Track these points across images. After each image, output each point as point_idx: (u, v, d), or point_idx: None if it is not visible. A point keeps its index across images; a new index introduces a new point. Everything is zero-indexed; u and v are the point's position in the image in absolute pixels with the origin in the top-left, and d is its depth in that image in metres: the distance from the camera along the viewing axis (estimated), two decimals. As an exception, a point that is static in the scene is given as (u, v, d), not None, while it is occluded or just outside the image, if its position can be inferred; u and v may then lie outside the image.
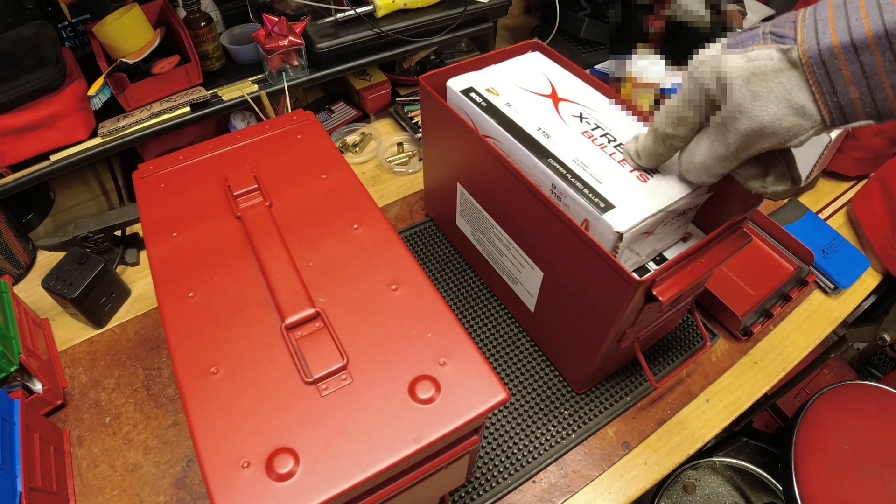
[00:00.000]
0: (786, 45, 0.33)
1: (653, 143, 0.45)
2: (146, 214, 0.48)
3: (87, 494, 0.55)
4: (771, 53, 0.33)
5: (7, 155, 0.68)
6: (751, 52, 0.34)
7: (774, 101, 0.34)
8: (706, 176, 0.43)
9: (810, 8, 0.33)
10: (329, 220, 0.47)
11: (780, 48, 0.33)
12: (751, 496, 1.33)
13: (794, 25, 0.33)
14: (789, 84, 0.33)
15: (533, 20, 1.25)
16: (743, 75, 0.34)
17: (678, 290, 0.45)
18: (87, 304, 0.65)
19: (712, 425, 0.61)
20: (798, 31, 0.33)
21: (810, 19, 0.33)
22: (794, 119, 0.34)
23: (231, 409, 0.36)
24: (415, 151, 0.91)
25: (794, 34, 0.33)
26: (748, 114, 0.35)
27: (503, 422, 0.61)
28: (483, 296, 0.71)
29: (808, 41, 0.32)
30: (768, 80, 0.34)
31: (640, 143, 0.47)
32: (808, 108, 0.34)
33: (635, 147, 0.48)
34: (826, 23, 0.32)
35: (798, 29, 0.33)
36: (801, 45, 0.32)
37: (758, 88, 0.34)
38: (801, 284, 0.73)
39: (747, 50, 0.34)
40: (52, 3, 0.75)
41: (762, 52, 0.34)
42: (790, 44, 0.33)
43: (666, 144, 0.44)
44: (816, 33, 0.32)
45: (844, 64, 0.31)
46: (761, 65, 0.34)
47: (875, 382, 0.94)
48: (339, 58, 0.83)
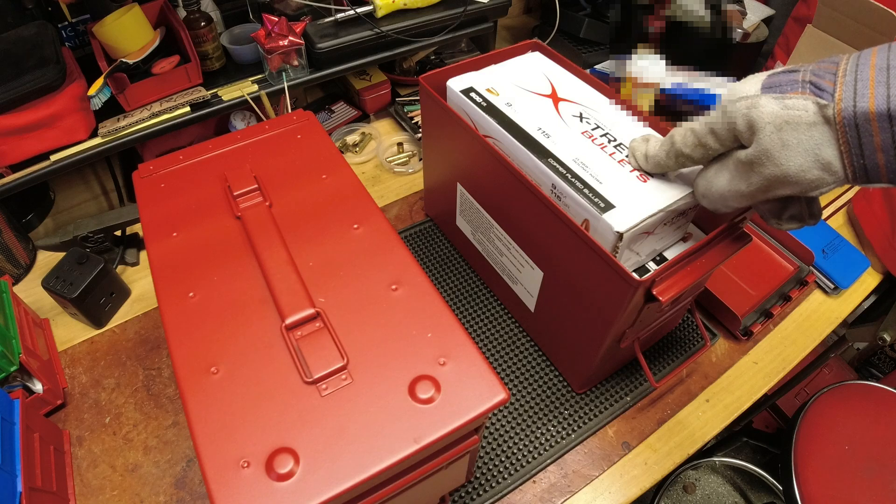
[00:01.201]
0: (823, 99, 0.33)
1: (665, 155, 0.45)
2: (146, 214, 0.48)
3: (87, 494, 0.55)
4: (807, 105, 0.33)
5: (7, 155, 0.68)
6: (788, 99, 0.34)
7: (802, 153, 0.34)
8: (722, 206, 0.43)
9: (853, 60, 0.33)
10: (329, 220, 0.47)
11: (817, 102, 0.33)
12: (751, 496, 1.33)
13: (834, 78, 0.33)
14: (820, 139, 0.33)
15: (533, 20, 1.25)
16: (776, 122, 0.34)
17: (678, 290, 0.45)
18: (87, 304, 0.65)
19: (712, 425, 0.61)
20: (838, 86, 0.32)
21: (851, 76, 0.32)
22: (818, 173, 0.34)
23: (231, 409, 0.36)
24: (415, 151, 0.91)
25: (832, 89, 0.33)
26: (775, 161, 0.35)
27: (503, 422, 0.61)
28: (483, 296, 0.71)
29: (845, 101, 0.32)
30: (800, 132, 0.33)
31: (651, 150, 0.46)
32: (834, 165, 0.34)
33: (644, 150, 0.47)
34: (866, 84, 0.32)
35: (838, 84, 0.33)
36: (838, 104, 0.32)
37: (788, 138, 0.34)
38: (801, 284, 0.73)
39: (784, 97, 0.34)
40: (52, 3, 0.75)
41: (798, 103, 0.33)
42: (828, 99, 0.33)
43: (677, 161, 0.44)
44: (855, 94, 0.32)
45: (877, 130, 0.31)
46: (796, 115, 0.33)
47: (875, 382, 0.94)
48: (339, 58, 0.83)
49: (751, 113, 0.35)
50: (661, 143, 0.45)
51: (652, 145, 0.47)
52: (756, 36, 0.93)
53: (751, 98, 0.35)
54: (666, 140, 0.44)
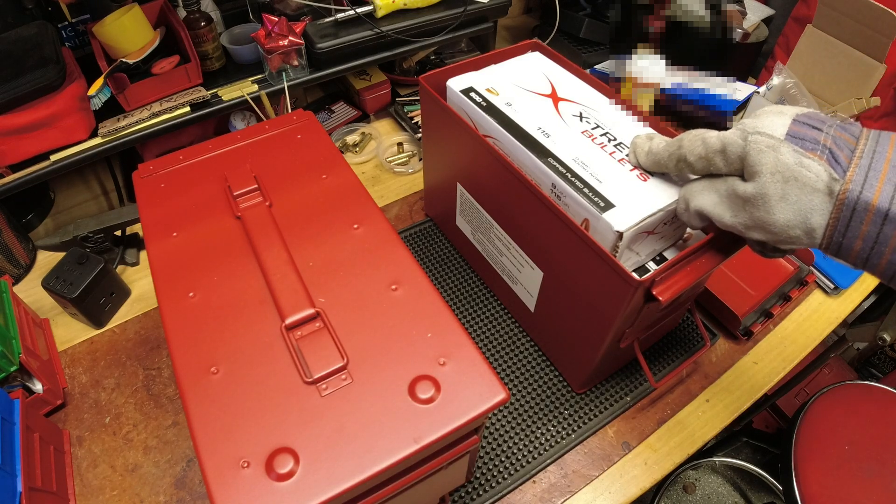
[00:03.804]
0: (836, 174, 0.34)
1: (667, 156, 0.45)
2: (146, 214, 0.48)
3: (87, 494, 0.55)
4: (820, 173, 0.34)
5: (7, 155, 0.68)
6: (805, 158, 0.34)
7: (796, 211, 0.35)
8: (697, 221, 0.43)
9: (871, 142, 0.34)
10: (329, 220, 0.47)
11: (829, 174, 0.34)
12: (751, 496, 1.33)
13: (850, 155, 0.34)
14: (816, 206, 0.34)
15: (533, 20, 1.25)
16: (785, 174, 0.35)
17: (678, 290, 0.45)
18: (87, 304, 0.65)
19: (712, 425, 0.61)
20: (852, 166, 0.34)
21: (866, 161, 0.33)
22: (799, 233, 0.36)
23: (231, 409, 0.36)
24: (415, 151, 0.91)
25: (846, 165, 0.34)
26: (768, 207, 0.36)
27: (503, 422, 0.61)
28: (483, 296, 0.71)
29: (853, 185, 0.33)
30: (803, 193, 0.35)
31: (655, 147, 0.46)
32: (817, 233, 0.35)
33: (648, 147, 0.47)
34: (877, 176, 0.33)
35: (853, 164, 0.34)
36: (847, 185, 0.33)
37: (790, 192, 0.35)
38: (801, 284, 0.73)
39: (804, 155, 0.35)
40: (52, 3, 0.75)
41: (814, 166, 0.34)
42: (839, 174, 0.34)
43: (677, 166, 0.44)
44: (864, 181, 0.33)
45: (868, 221, 0.33)
46: (807, 177, 0.34)
47: (875, 382, 0.94)
48: (339, 58, 0.83)
49: (768, 155, 0.36)
50: (667, 143, 0.45)
51: (656, 143, 0.47)
52: (756, 36, 0.93)
53: (774, 140, 0.36)
54: (673, 142, 0.44)
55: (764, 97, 0.81)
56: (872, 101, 0.76)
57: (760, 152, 0.36)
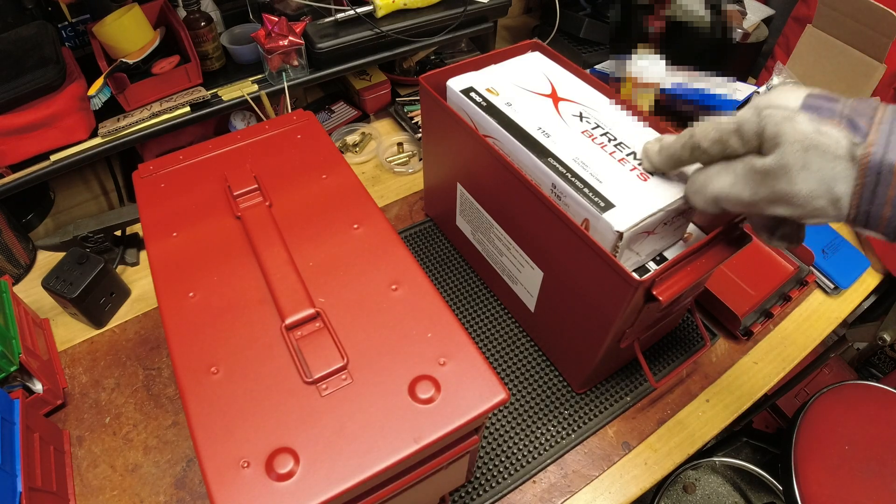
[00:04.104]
0: (856, 138, 0.33)
1: (680, 147, 0.44)
2: (146, 214, 0.48)
3: (87, 494, 0.55)
4: (840, 138, 0.33)
5: (7, 155, 0.68)
6: (823, 125, 0.34)
7: (819, 180, 0.34)
8: (712, 207, 0.42)
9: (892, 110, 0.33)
10: (329, 220, 0.47)
11: (850, 139, 0.33)
12: (751, 496, 1.33)
13: (870, 122, 0.33)
14: (840, 173, 0.34)
15: (533, 20, 1.25)
16: (805, 142, 0.34)
17: (678, 290, 0.45)
18: (87, 304, 0.65)
19: (712, 425, 0.61)
20: (872, 130, 0.33)
21: (887, 126, 0.33)
22: (824, 203, 0.35)
23: (231, 409, 0.36)
24: (415, 151, 0.91)
25: (866, 130, 0.33)
26: (790, 178, 0.35)
27: (503, 422, 0.61)
28: (483, 296, 0.71)
29: (876, 146, 0.32)
30: (824, 160, 0.34)
31: (666, 142, 0.46)
32: (843, 202, 0.34)
33: (659, 146, 0.46)
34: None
35: (873, 129, 0.33)
36: (869, 147, 0.33)
37: (811, 161, 0.34)
38: (801, 284, 0.73)
39: (821, 121, 0.34)
40: (52, 3, 0.75)
41: (833, 132, 0.34)
42: (860, 139, 0.33)
43: (692, 154, 0.43)
44: (887, 144, 0.32)
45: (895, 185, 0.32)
46: (826, 142, 0.34)
47: (875, 382, 0.94)
48: (339, 58, 0.83)
49: (785, 125, 0.35)
50: (678, 136, 0.44)
51: (667, 138, 0.46)
52: (756, 36, 0.93)
53: (789, 111, 0.35)
54: (684, 132, 0.43)
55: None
56: (872, 101, 0.76)
57: (777, 124, 0.35)
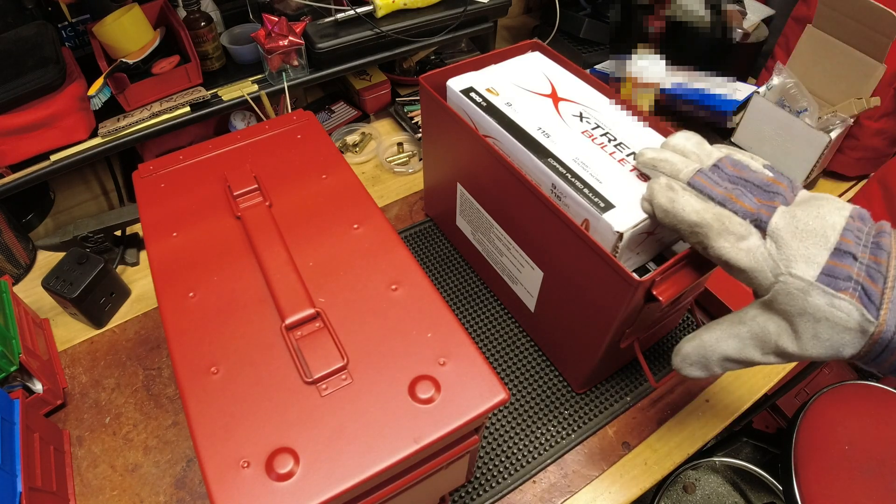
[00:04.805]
0: (869, 314, 0.33)
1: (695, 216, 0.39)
2: (146, 214, 0.48)
3: (87, 494, 0.55)
4: (852, 312, 0.34)
5: (7, 155, 0.68)
6: (836, 299, 0.34)
7: (828, 347, 0.35)
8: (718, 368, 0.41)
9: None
10: (329, 220, 0.47)
11: (862, 314, 0.33)
12: (751, 496, 1.33)
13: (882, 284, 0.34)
14: (848, 342, 0.34)
15: (533, 20, 1.25)
16: (817, 315, 0.35)
17: (678, 290, 0.45)
18: (87, 304, 0.65)
19: (712, 425, 0.61)
20: (884, 305, 0.33)
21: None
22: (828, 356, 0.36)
23: (231, 409, 0.36)
24: (415, 151, 0.91)
25: (879, 300, 0.33)
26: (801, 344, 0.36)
27: (503, 422, 0.61)
28: (483, 296, 0.71)
29: (888, 325, 0.33)
30: (835, 332, 0.34)
31: (683, 206, 0.40)
32: (845, 356, 0.35)
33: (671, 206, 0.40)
34: None
35: (885, 302, 0.33)
36: (881, 326, 0.33)
37: (821, 332, 0.35)
38: (801, 284, 0.73)
39: (835, 295, 0.34)
40: (52, 3, 0.75)
41: (845, 307, 0.34)
42: (872, 314, 0.33)
43: (693, 235, 0.40)
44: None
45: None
46: (838, 317, 0.34)
47: (875, 382, 0.94)
48: (339, 58, 0.83)
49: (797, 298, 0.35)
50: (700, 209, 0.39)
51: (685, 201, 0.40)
52: (756, 36, 0.93)
53: (804, 283, 0.35)
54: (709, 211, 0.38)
55: (764, 97, 0.81)
56: (872, 101, 0.76)
57: (789, 295, 0.35)
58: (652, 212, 0.42)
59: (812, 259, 0.35)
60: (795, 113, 0.80)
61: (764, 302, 0.38)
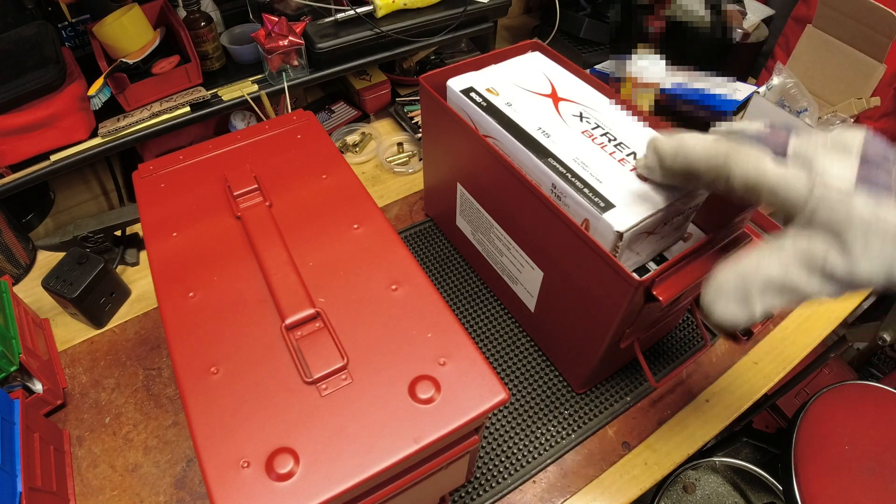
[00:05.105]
0: None
1: (707, 161, 0.38)
2: (146, 214, 0.48)
3: (87, 494, 0.55)
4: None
5: (7, 155, 0.68)
6: (881, 210, 0.31)
7: (881, 262, 0.32)
8: (759, 303, 0.36)
9: None
10: (329, 220, 0.47)
11: None
12: (751, 496, 1.33)
13: None
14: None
15: (533, 20, 1.25)
16: (863, 227, 0.32)
17: (678, 290, 0.45)
18: (87, 304, 0.65)
19: (712, 425, 0.61)
20: None
21: None
22: (881, 281, 0.32)
23: (231, 409, 0.36)
24: (415, 151, 0.91)
25: None
26: (853, 261, 0.32)
27: (503, 422, 0.61)
28: (483, 296, 0.71)
29: None
30: (885, 244, 0.31)
31: (688, 145, 0.39)
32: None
33: (675, 150, 0.40)
34: None
35: None
36: None
37: (873, 243, 0.32)
38: (801, 284, 0.73)
39: (879, 203, 0.31)
40: (52, 3, 0.75)
41: (891, 216, 0.31)
42: None
43: (708, 175, 0.38)
44: None
45: None
46: (886, 229, 0.31)
47: (875, 382, 0.94)
48: (339, 58, 0.83)
49: (841, 211, 0.32)
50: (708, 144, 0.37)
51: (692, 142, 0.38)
52: (756, 36, 0.93)
53: (843, 193, 0.32)
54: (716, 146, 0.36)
55: (764, 97, 0.81)
56: (872, 101, 0.76)
57: (829, 205, 0.32)
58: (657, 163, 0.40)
59: (843, 169, 0.32)
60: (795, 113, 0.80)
61: (803, 221, 0.34)
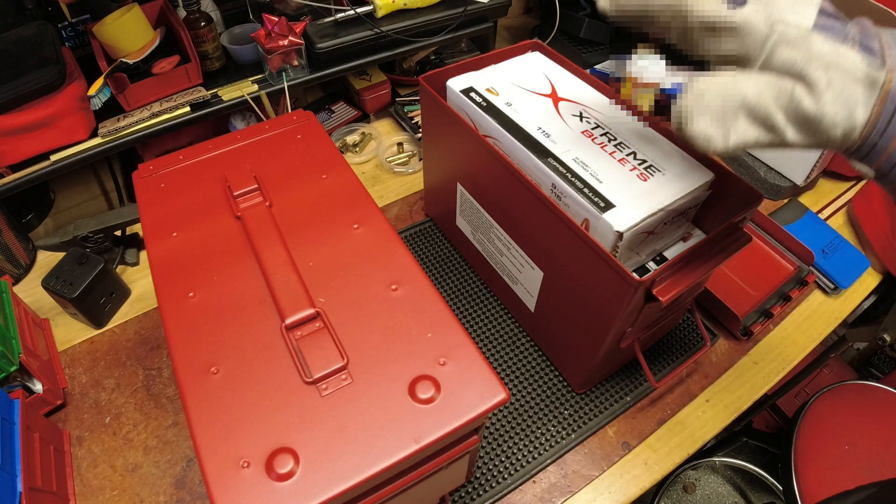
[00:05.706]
0: (874, 61, 0.30)
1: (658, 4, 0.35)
2: (146, 214, 0.48)
3: (87, 494, 0.55)
4: (857, 61, 0.30)
5: (7, 155, 0.68)
6: (840, 47, 0.31)
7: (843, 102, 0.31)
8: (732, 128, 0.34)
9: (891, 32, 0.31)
10: (329, 220, 0.47)
11: (868, 62, 0.30)
12: (751, 496, 1.33)
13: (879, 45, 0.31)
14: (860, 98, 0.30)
15: (533, 20, 1.25)
16: (824, 60, 0.31)
17: (678, 290, 0.45)
18: (87, 304, 0.65)
19: (712, 425, 0.61)
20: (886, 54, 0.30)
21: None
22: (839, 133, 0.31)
23: (231, 409, 0.36)
24: (415, 151, 0.91)
25: (879, 52, 0.30)
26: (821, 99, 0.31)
27: (503, 422, 0.61)
28: (483, 296, 0.71)
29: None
30: (846, 81, 0.30)
31: None
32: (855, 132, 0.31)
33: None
34: None
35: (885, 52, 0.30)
36: (890, 74, 0.30)
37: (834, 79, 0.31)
38: (801, 284, 0.73)
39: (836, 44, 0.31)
40: (52, 3, 0.75)
41: (850, 54, 0.30)
42: (877, 64, 0.30)
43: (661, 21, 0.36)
44: None
45: None
46: (846, 65, 0.30)
47: (875, 382, 0.94)
48: (339, 58, 0.83)
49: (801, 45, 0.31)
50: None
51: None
52: None
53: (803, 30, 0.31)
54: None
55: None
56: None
57: (791, 42, 0.31)
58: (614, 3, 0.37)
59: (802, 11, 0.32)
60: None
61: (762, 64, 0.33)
